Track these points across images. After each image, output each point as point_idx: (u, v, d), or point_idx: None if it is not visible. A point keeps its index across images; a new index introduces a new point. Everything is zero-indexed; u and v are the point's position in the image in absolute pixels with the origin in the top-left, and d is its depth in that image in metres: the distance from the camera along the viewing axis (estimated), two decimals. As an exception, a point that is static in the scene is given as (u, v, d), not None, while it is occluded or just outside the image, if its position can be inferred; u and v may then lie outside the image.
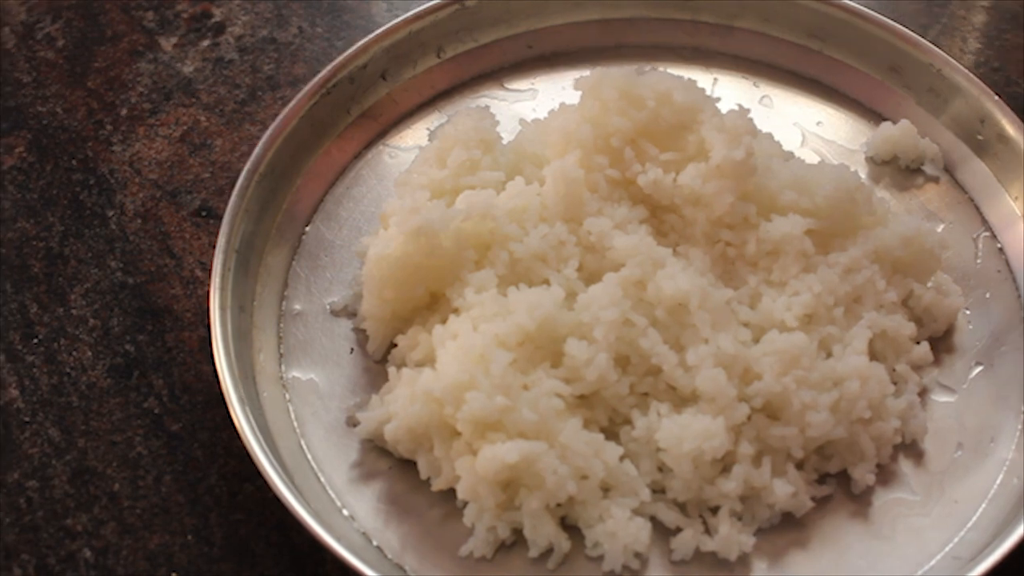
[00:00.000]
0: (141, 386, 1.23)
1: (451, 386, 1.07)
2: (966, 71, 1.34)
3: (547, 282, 1.17)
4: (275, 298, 1.25)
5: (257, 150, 1.28)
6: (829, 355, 1.16)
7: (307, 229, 1.31)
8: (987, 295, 1.25)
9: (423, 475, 1.12)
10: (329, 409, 1.18)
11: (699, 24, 1.44)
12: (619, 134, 1.21)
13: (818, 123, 1.39)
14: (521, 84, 1.43)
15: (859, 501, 1.12)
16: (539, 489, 1.06)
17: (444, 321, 1.16)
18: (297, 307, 1.25)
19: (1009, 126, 1.30)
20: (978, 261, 1.28)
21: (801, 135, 1.38)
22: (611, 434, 1.12)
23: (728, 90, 1.41)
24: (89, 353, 1.25)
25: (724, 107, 1.24)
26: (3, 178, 1.39)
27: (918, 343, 1.20)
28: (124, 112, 1.45)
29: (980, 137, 1.33)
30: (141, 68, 1.50)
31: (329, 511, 1.11)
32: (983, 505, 1.12)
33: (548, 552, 1.09)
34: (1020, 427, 1.16)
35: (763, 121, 1.32)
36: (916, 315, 1.22)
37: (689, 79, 1.24)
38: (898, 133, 1.34)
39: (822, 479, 1.13)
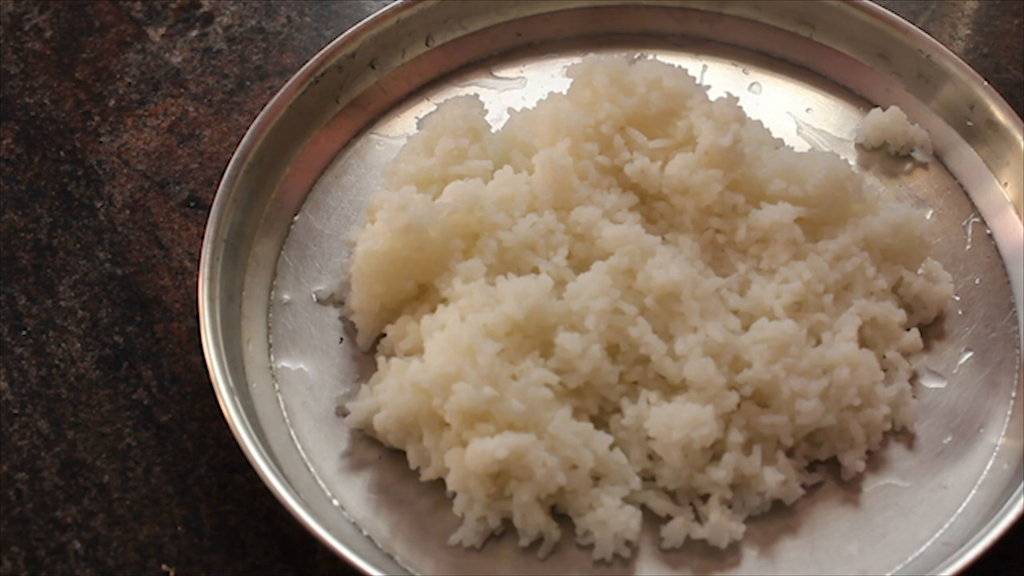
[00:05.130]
0: (130, 377, 1.23)
1: (438, 377, 1.07)
2: (955, 57, 1.34)
3: (536, 271, 1.17)
4: (264, 288, 1.24)
5: (245, 140, 1.27)
6: (819, 342, 1.16)
7: (296, 218, 1.30)
8: (977, 281, 1.25)
9: (412, 465, 1.12)
10: (319, 399, 1.18)
11: (689, 11, 1.44)
12: (609, 121, 1.20)
13: (807, 110, 1.39)
14: (510, 72, 1.43)
15: (849, 488, 1.13)
16: (529, 481, 1.06)
17: (433, 311, 1.16)
18: (286, 297, 1.24)
19: (998, 112, 1.30)
20: (968, 247, 1.28)
21: (791, 122, 1.37)
22: (600, 423, 1.12)
23: (717, 77, 1.40)
24: (78, 345, 1.25)
25: (713, 94, 1.24)
26: (-9, 169, 1.39)
27: (908, 330, 1.20)
28: (112, 103, 1.45)
29: (970, 123, 1.33)
30: (129, 59, 1.49)
31: (319, 501, 1.11)
32: (973, 491, 1.12)
33: (538, 541, 1.09)
34: (1010, 413, 1.17)
35: (752, 108, 1.32)
36: (906, 302, 1.22)
37: (679, 66, 1.24)
38: (887, 119, 1.34)
39: (812, 466, 1.13)
